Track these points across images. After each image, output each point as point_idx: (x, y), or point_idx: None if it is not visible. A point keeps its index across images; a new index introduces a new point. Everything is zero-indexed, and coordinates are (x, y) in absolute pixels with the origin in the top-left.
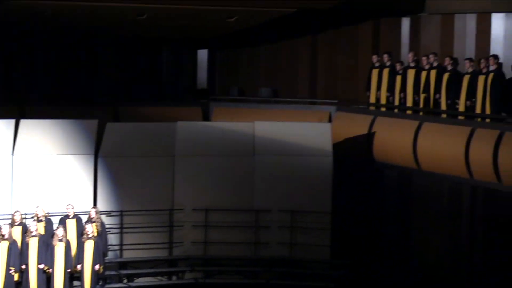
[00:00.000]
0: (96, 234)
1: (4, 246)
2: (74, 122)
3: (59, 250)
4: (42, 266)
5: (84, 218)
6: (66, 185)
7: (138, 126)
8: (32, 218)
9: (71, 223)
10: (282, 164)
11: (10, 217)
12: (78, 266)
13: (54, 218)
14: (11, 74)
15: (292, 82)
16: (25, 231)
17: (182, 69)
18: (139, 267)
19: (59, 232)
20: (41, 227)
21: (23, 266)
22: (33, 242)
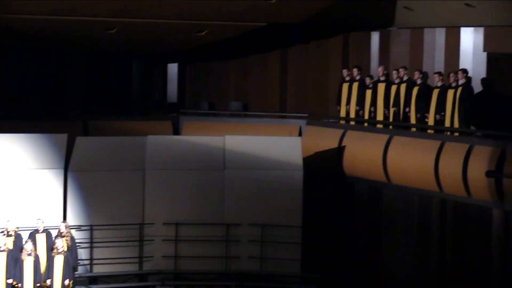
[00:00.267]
0: (66, 249)
1: None
2: (43, 136)
3: (28, 264)
4: (10, 281)
5: (54, 233)
6: (36, 199)
7: (108, 140)
8: (1, 232)
9: (41, 238)
10: (252, 178)
11: None
12: (48, 281)
13: (24, 232)
14: None
15: (262, 96)
16: None
17: (152, 83)
18: (109, 282)
19: (28, 246)
20: (9, 242)
21: None
22: (1, 257)
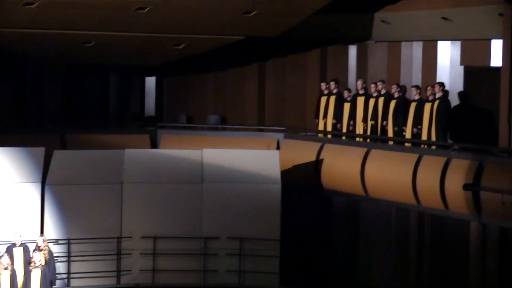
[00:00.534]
0: (43, 263)
1: None
2: (21, 150)
3: (4, 278)
4: None
5: (31, 247)
6: (13, 213)
7: (85, 153)
8: None
9: (18, 252)
10: (230, 191)
11: None
12: None
13: (0, 246)
14: None
15: (240, 109)
16: None
17: (130, 96)
18: None
19: (4, 260)
20: None
21: None
22: None
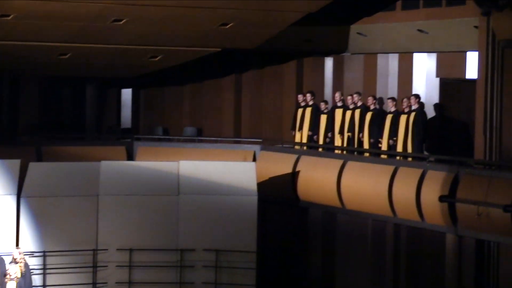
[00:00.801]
0: (19, 275)
1: None
2: None
3: None
4: None
5: (7, 259)
6: None
7: (61, 165)
8: None
9: None
10: (206, 203)
11: None
12: None
13: None
14: None
15: (216, 121)
16: None
17: (106, 108)
18: None
19: None
20: None
21: None
22: None
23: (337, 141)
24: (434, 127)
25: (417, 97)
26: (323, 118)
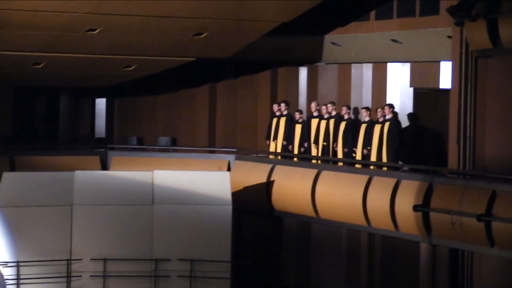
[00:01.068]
0: None
1: None
2: None
3: None
4: None
5: None
6: None
7: (35, 175)
8: None
9: None
10: (181, 213)
11: None
12: None
13: None
14: None
15: (191, 131)
16: None
17: (80, 117)
18: None
19: None
20: None
21: None
22: None
23: (313, 151)
24: (408, 137)
25: (391, 106)
26: (298, 128)
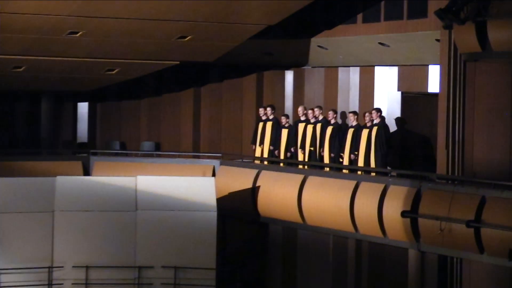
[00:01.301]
0: None
1: None
2: None
3: None
4: None
5: None
6: None
7: (16, 181)
8: None
9: None
10: (165, 219)
11: None
12: None
13: None
14: None
15: (175, 136)
16: None
17: (62, 122)
18: None
19: None
20: None
21: None
22: None
23: (301, 156)
24: (395, 141)
25: (378, 111)
26: (284, 133)
